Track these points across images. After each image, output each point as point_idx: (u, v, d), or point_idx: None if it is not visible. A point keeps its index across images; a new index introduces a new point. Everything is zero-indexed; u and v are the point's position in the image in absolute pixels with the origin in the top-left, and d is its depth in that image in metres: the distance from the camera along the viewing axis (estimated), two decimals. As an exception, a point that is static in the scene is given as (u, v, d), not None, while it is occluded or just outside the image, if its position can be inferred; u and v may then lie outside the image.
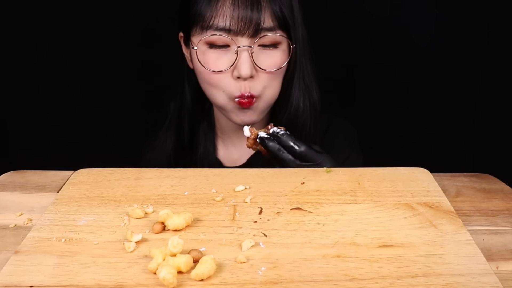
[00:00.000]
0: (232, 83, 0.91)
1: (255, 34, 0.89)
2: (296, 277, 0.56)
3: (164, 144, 1.06)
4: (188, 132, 1.04)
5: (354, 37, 1.36)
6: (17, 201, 0.74)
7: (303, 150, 0.81)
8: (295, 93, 0.98)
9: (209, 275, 0.55)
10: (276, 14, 0.90)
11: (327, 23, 1.29)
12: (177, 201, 0.71)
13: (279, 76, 0.95)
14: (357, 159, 1.03)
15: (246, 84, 0.91)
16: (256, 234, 0.64)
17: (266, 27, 0.89)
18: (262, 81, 0.92)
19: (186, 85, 1.04)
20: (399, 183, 0.75)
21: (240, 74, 0.90)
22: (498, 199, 0.75)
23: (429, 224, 0.65)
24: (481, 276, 0.56)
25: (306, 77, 0.99)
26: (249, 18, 0.87)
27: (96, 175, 0.77)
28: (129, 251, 0.60)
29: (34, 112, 1.40)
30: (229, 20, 0.88)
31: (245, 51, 0.89)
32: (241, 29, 0.88)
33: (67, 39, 1.35)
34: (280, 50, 0.93)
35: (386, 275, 0.56)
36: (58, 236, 0.63)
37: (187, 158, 1.03)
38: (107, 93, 1.40)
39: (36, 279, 0.56)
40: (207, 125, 1.05)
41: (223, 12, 0.88)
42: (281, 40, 0.92)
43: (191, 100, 1.04)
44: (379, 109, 1.41)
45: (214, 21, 0.89)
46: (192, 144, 1.04)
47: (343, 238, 0.63)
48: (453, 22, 1.33)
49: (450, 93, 1.39)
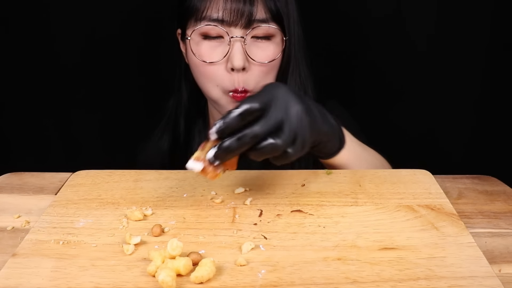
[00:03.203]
0: (225, 76, 0.92)
1: (248, 25, 0.90)
2: (296, 280, 0.56)
3: (160, 141, 1.07)
4: (184, 130, 1.05)
5: (354, 38, 1.36)
6: (14, 203, 0.74)
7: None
8: None
9: (209, 278, 0.55)
10: (269, 6, 0.91)
11: (326, 23, 1.29)
12: (176, 203, 0.71)
13: (273, 70, 0.95)
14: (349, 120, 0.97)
15: (239, 77, 0.91)
16: (256, 237, 0.63)
17: (259, 18, 0.90)
18: (256, 75, 0.93)
19: (183, 82, 1.05)
20: (400, 185, 0.74)
21: (233, 65, 0.90)
22: (500, 201, 0.74)
23: (431, 227, 0.65)
24: (483, 279, 0.56)
25: (302, 74, 0.99)
26: (241, 9, 0.89)
27: (95, 177, 0.77)
28: (128, 254, 0.60)
29: (32, 113, 1.40)
30: (222, 11, 0.89)
31: (238, 41, 0.90)
32: (234, 20, 0.89)
33: (65, 41, 1.34)
34: (273, 42, 0.93)
35: (388, 278, 0.56)
36: (56, 239, 0.63)
37: (183, 155, 1.03)
38: (105, 95, 1.39)
39: (34, 282, 0.56)
40: (202, 123, 1.06)
41: (216, 4, 0.90)
42: (274, 33, 0.93)
43: (187, 98, 1.05)
44: (380, 110, 1.41)
45: (207, 12, 0.90)
46: (187, 142, 1.05)
47: (344, 241, 0.62)
48: (454, 23, 1.33)
49: (452, 94, 1.38)
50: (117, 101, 1.40)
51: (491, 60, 1.35)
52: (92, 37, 1.34)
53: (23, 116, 1.40)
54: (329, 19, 1.31)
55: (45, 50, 1.35)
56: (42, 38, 1.34)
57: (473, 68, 1.36)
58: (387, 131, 1.41)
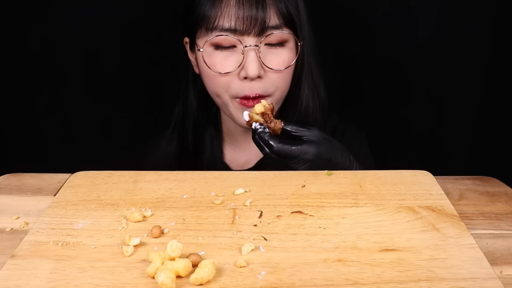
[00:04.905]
0: (238, 84, 0.90)
1: (261, 32, 0.88)
2: (296, 281, 0.55)
3: (168, 148, 1.05)
4: (193, 140, 1.03)
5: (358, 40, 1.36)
6: (13, 205, 0.73)
7: (275, 149, 0.80)
8: (304, 92, 0.97)
9: (208, 280, 0.55)
10: (281, 11, 0.89)
11: (333, 23, 1.29)
12: (176, 204, 0.70)
13: (288, 75, 0.94)
14: (366, 157, 1.01)
15: (253, 85, 0.90)
16: (256, 238, 0.63)
17: (272, 25, 0.88)
18: (271, 82, 0.91)
19: (191, 91, 1.02)
20: (401, 186, 0.74)
21: (247, 74, 0.89)
22: (501, 202, 0.74)
23: (432, 228, 0.65)
24: (484, 281, 0.56)
25: (315, 76, 0.98)
26: (254, 16, 0.87)
27: (94, 178, 0.77)
28: (127, 255, 0.60)
29: (31, 114, 1.39)
30: (234, 20, 0.87)
31: (252, 50, 0.88)
32: (247, 28, 0.87)
33: (66, 41, 1.34)
34: (287, 48, 0.92)
35: (388, 280, 0.56)
36: (55, 240, 0.62)
37: (192, 164, 1.02)
38: (105, 95, 1.39)
39: (32, 283, 0.55)
40: (214, 130, 1.05)
41: (227, 12, 0.87)
42: (288, 38, 0.91)
43: (196, 106, 1.03)
44: (380, 111, 1.40)
45: (219, 21, 0.88)
46: (197, 150, 1.03)
47: (345, 242, 0.62)
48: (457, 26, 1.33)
49: (453, 95, 1.38)
50: (117, 102, 1.39)
51: (493, 62, 1.35)
52: (92, 37, 1.34)
53: (22, 117, 1.39)
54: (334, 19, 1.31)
55: (45, 50, 1.35)
56: (44, 37, 1.33)
57: (475, 70, 1.36)
58: (387, 132, 1.41)
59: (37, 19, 1.32)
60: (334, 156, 0.83)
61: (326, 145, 0.83)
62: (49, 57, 1.35)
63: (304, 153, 0.80)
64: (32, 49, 1.34)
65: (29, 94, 1.38)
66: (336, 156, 0.83)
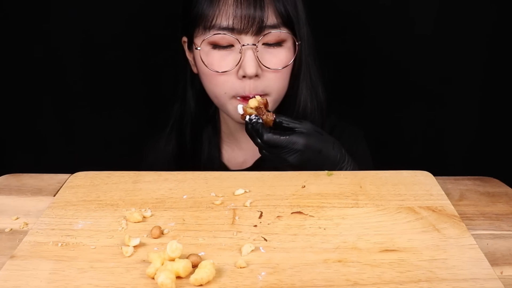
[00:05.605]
0: (236, 83, 0.90)
1: (259, 32, 0.88)
2: (296, 282, 0.55)
3: (166, 148, 1.05)
4: (191, 139, 1.03)
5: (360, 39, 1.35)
6: (13, 205, 0.73)
7: (265, 138, 0.80)
8: (303, 92, 0.97)
9: (208, 280, 0.55)
10: (279, 11, 0.89)
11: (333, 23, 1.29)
12: (175, 204, 0.70)
13: (286, 75, 0.94)
14: (364, 156, 1.02)
15: (251, 84, 0.90)
16: (256, 239, 0.63)
17: (270, 24, 0.88)
18: (269, 81, 0.91)
19: (189, 91, 1.02)
20: (401, 187, 0.74)
21: (245, 73, 0.88)
22: (502, 203, 0.74)
23: (432, 228, 0.64)
24: (485, 281, 0.56)
25: (313, 76, 0.98)
26: (252, 16, 0.87)
27: (93, 179, 0.77)
28: (127, 256, 0.60)
29: (31, 114, 1.39)
30: (232, 19, 0.87)
31: (249, 49, 0.88)
32: (245, 27, 0.87)
33: (66, 40, 1.34)
34: (285, 48, 0.92)
35: (389, 280, 0.55)
36: (54, 241, 0.62)
37: (190, 164, 1.02)
38: (105, 96, 1.39)
39: (32, 284, 0.55)
40: (212, 130, 1.05)
41: (225, 11, 0.87)
42: (286, 38, 0.91)
43: (194, 106, 1.02)
44: (380, 111, 1.40)
45: (216, 20, 0.88)
46: (195, 150, 1.03)
47: (345, 243, 0.62)
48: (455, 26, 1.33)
49: (453, 95, 1.38)
50: (116, 102, 1.39)
51: (493, 62, 1.35)
52: (92, 37, 1.34)
53: (21, 117, 1.39)
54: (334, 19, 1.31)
55: (45, 50, 1.35)
56: (44, 37, 1.33)
57: (475, 70, 1.36)
58: (388, 132, 1.41)
59: (38, 21, 1.32)
60: (324, 148, 0.83)
61: (317, 136, 0.83)
62: (48, 57, 1.35)
63: (294, 143, 0.80)
64: (32, 50, 1.34)
65: (29, 95, 1.38)
66: (327, 148, 0.83)
